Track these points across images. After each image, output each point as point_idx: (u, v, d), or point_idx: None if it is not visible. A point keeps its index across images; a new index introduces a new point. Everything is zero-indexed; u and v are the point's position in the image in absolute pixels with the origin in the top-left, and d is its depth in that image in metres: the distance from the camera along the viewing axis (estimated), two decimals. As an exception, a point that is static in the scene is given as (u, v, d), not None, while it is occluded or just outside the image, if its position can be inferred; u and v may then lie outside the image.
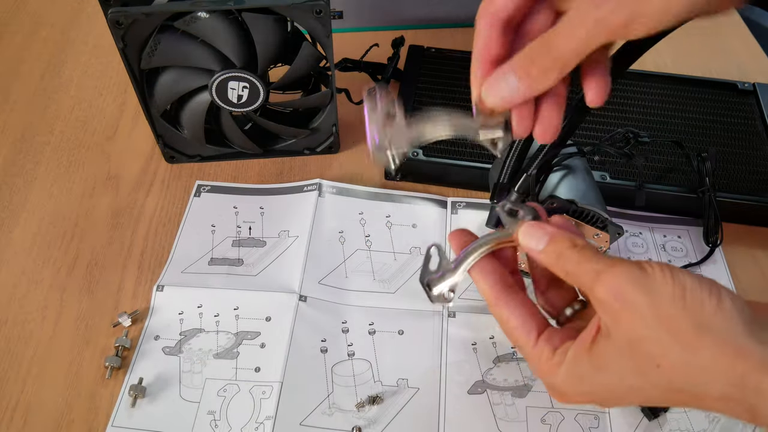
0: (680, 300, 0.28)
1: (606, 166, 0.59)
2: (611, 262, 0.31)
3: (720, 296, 0.29)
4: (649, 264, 0.30)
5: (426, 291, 0.36)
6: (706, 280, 0.29)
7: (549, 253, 0.33)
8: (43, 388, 0.47)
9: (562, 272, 0.33)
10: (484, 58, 0.34)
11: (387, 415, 0.47)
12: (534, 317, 0.34)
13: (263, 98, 0.56)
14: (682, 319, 0.28)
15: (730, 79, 0.70)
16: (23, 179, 0.62)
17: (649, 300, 0.29)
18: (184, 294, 0.53)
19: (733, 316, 0.28)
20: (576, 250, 0.32)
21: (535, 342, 0.33)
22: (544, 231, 0.34)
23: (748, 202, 0.58)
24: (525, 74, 0.31)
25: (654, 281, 0.29)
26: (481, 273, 0.36)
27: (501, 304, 0.35)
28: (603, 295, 0.30)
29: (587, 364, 0.31)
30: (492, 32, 0.33)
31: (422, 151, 0.60)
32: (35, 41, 0.77)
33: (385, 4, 0.77)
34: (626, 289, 0.29)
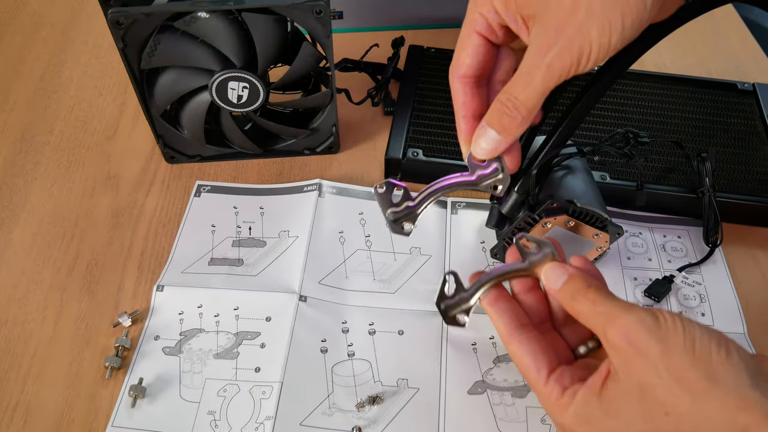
0: (690, 350, 0.29)
1: (606, 166, 0.59)
2: (626, 306, 0.32)
3: (728, 348, 0.29)
4: (661, 312, 0.31)
5: (442, 314, 0.38)
6: (714, 331, 0.30)
7: (565, 292, 0.35)
8: (43, 388, 0.47)
9: (575, 312, 0.34)
10: (465, 115, 0.38)
11: (387, 415, 0.47)
12: (545, 355, 0.35)
13: (263, 98, 0.56)
14: (691, 369, 0.29)
15: (730, 79, 0.70)
16: (23, 179, 0.62)
17: (661, 348, 0.29)
18: (184, 294, 0.53)
19: (740, 368, 0.29)
20: (591, 291, 0.33)
21: (546, 380, 0.34)
22: (564, 270, 0.36)
23: (748, 202, 0.58)
24: (501, 127, 0.35)
25: (666, 330, 0.30)
26: (497, 310, 0.38)
27: (514, 342, 0.36)
28: (616, 339, 0.31)
29: (596, 408, 0.32)
30: (466, 90, 0.38)
31: (422, 151, 0.60)
32: (35, 41, 0.77)
33: (385, 4, 0.77)
34: (639, 336, 0.30)
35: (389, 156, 0.60)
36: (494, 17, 0.35)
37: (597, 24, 0.30)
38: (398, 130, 0.62)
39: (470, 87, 0.37)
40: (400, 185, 0.39)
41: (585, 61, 0.31)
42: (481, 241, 0.57)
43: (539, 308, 0.39)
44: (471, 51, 0.36)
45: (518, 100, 0.34)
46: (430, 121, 0.64)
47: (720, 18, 0.85)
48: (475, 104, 0.38)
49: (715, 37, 0.82)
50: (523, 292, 0.39)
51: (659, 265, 0.56)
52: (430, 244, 0.57)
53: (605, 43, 0.31)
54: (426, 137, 0.62)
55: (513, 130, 0.35)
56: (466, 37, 0.37)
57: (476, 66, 0.37)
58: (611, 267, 0.56)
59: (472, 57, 0.36)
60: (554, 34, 0.31)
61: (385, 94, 0.69)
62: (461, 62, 0.37)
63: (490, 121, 0.36)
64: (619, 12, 0.30)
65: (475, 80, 0.37)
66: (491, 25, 0.35)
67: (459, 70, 0.37)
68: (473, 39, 0.36)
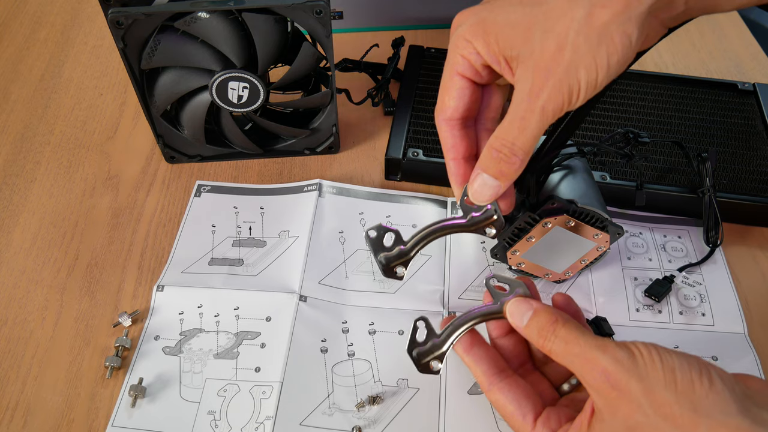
0: (672, 384, 0.29)
1: (606, 166, 0.59)
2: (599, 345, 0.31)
3: (710, 376, 0.29)
4: (635, 346, 0.31)
5: (414, 362, 0.37)
6: (692, 358, 0.30)
7: (531, 329, 0.34)
8: (43, 388, 0.47)
9: (547, 351, 0.33)
10: (455, 158, 0.38)
11: (387, 415, 0.47)
12: (529, 399, 0.35)
13: (263, 98, 0.56)
14: (676, 404, 0.28)
15: (730, 79, 0.70)
16: (23, 179, 0.62)
17: (642, 386, 0.29)
18: (184, 294, 0.53)
19: (725, 396, 0.29)
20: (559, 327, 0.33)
21: (533, 425, 0.34)
22: (529, 306, 0.35)
23: (748, 202, 0.58)
24: (498, 173, 0.35)
25: (645, 366, 0.30)
26: (474, 358, 0.37)
27: (495, 390, 0.36)
28: (596, 382, 0.30)
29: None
30: (454, 134, 0.37)
31: (422, 151, 0.60)
32: (35, 41, 0.77)
33: (385, 4, 0.77)
34: (619, 377, 0.30)
35: (389, 156, 0.60)
36: (476, 58, 0.34)
37: (584, 64, 0.30)
38: (398, 130, 0.62)
39: (458, 129, 0.37)
40: (391, 229, 0.38)
41: (575, 99, 0.31)
42: (481, 242, 0.57)
43: (518, 351, 0.39)
44: (455, 93, 0.36)
45: (515, 146, 0.33)
46: (430, 121, 0.64)
47: (720, 18, 0.85)
48: (464, 146, 0.37)
49: (715, 37, 0.82)
50: (501, 337, 0.39)
51: (659, 265, 0.56)
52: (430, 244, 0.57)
53: (592, 82, 0.31)
54: (426, 137, 0.62)
55: (511, 174, 0.35)
56: (449, 80, 0.36)
57: (462, 108, 0.36)
58: (611, 267, 0.56)
59: (457, 99, 0.36)
60: (543, 75, 0.31)
61: (385, 94, 0.69)
62: (446, 105, 0.36)
63: (486, 167, 0.35)
64: (605, 51, 0.30)
65: (462, 122, 0.37)
66: (474, 66, 0.35)
67: (445, 113, 0.37)
68: (456, 81, 0.36)
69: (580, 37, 0.29)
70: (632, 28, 0.29)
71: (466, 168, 0.37)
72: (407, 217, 0.59)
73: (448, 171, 0.38)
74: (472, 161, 0.37)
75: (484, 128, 0.38)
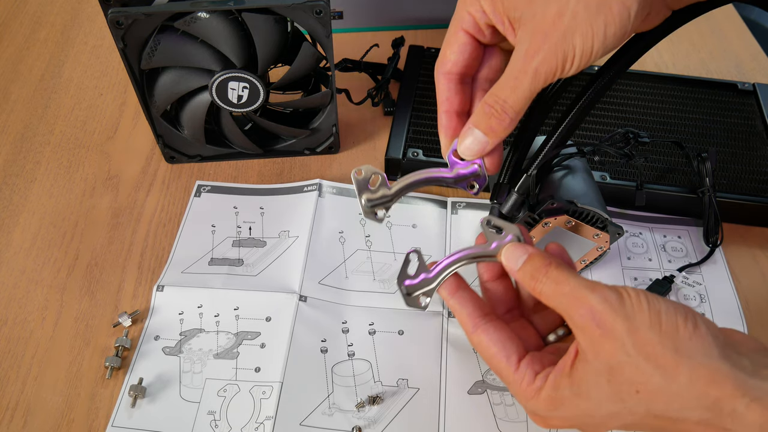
0: (657, 326, 0.29)
1: (606, 167, 0.59)
2: (589, 285, 0.31)
3: (695, 321, 0.29)
4: (625, 289, 0.31)
5: (403, 295, 0.37)
6: (680, 305, 0.30)
7: (525, 272, 0.34)
8: (43, 388, 0.47)
9: (537, 293, 0.33)
10: (448, 110, 0.38)
11: (387, 415, 0.47)
12: (513, 341, 0.35)
13: (263, 98, 0.56)
14: (659, 345, 0.29)
15: (730, 80, 0.70)
16: (23, 179, 0.62)
17: (627, 326, 0.29)
18: (184, 294, 0.53)
19: (708, 340, 0.29)
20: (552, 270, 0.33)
21: (516, 367, 0.34)
22: (524, 250, 0.35)
23: (748, 202, 0.58)
24: (488, 129, 0.36)
25: (632, 307, 0.30)
26: (459, 300, 0.37)
27: (479, 332, 0.36)
28: (582, 320, 0.30)
29: (567, 389, 0.31)
30: (450, 87, 0.38)
31: (422, 151, 0.60)
32: (35, 41, 0.77)
33: (385, 4, 0.77)
34: (605, 315, 0.30)
35: (389, 156, 0.60)
36: (482, 17, 0.35)
37: (580, 31, 0.31)
38: (398, 130, 0.62)
39: (454, 83, 0.37)
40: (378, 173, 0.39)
41: (569, 65, 0.32)
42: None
43: (507, 296, 0.39)
44: (457, 48, 0.36)
45: (506, 103, 0.34)
46: (430, 121, 0.64)
47: (720, 18, 0.85)
48: (458, 101, 0.38)
49: (715, 37, 0.82)
50: (490, 280, 0.39)
51: (659, 265, 0.56)
52: (430, 244, 0.57)
53: (588, 50, 0.31)
54: (426, 137, 0.62)
55: (500, 132, 0.35)
56: (453, 34, 0.37)
57: (462, 63, 0.37)
58: (611, 267, 0.56)
59: (458, 54, 0.37)
60: (540, 38, 0.32)
61: (385, 94, 0.69)
62: (447, 59, 0.37)
63: (477, 122, 0.36)
64: (602, 21, 0.30)
65: (460, 77, 0.37)
66: (478, 24, 0.35)
67: (444, 66, 0.37)
68: (460, 37, 0.36)
69: (580, 5, 0.30)
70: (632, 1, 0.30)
71: (456, 122, 0.38)
72: (407, 217, 0.59)
73: (438, 123, 0.39)
74: (463, 117, 0.38)
75: (481, 88, 0.38)
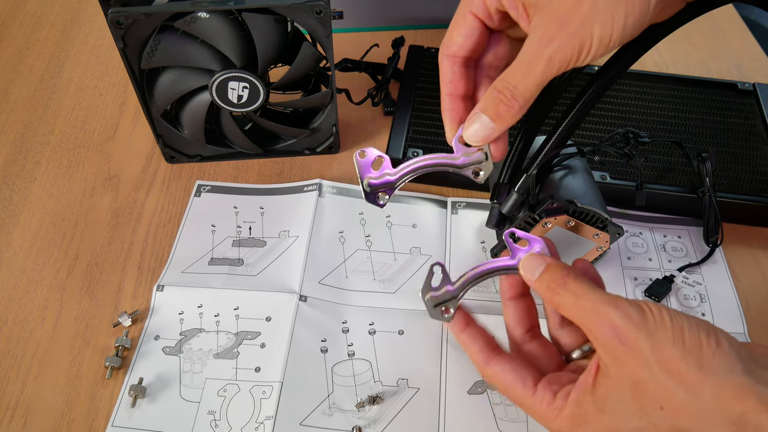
0: (680, 342, 0.29)
1: (606, 166, 0.59)
2: (611, 301, 0.31)
3: (717, 337, 0.29)
4: (647, 304, 0.31)
5: (427, 306, 0.37)
6: (702, 321, 0.30)
7: (542, 282, 0.34)
8: (43, 388, 0.47)
9: (556, 305, 0.33)
10: (451, 93, 0.38)
11: (387, 415, 0.47)
12: (526, 368, 0.35)
13: (263, 98, 0.56)
14: (683, 361, 0.29)
15: (730, 79, 0.70)
16: (23, 179, 0.62)
17: (650, 342, 0.29)
18: (184, 294, 0.53)
19: (731, 356, 0.29)
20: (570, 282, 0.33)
21: (533, 390, 0.34)
22: (542, 261, 0.35)
23: (748, 202, 0.58)
24: (496, 115, 0.35)
25: (654, 323, 0.30)
26: (469, 335, 0.37)
27: (492, 363, 0.36)
28: (605, 337, 0.30)
29: (591, 406, 0.31)
30: (454, 70, 0.37)
31: (422, 151, 0.60)
32: (35, 41, 0.77)
33: (385, 4, 0.77)
34: (628, 332, 0.30)
35: (389, 156, 0.60)
36: (493, 2, 0.34)
37: (600, 20, 0.30)
38: (398, 130, 0.62)
39: (459, 66, 0.37)
40: (382, 155, 0.39)
41: (585, 55, 0.31)
42: (481, 241, 0.57)
43: (528, 314, 0.38)
44: (464, 32, 0.36)
45: (516, 90, 0.33)
46: (430, 120, 0.64)
47: (720, 18, 0.85)
48: (462, 84, 0.37)
49: (715, 37, 0.82)
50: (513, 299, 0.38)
51: (659, 265, 0.56)
52: (430, 244, 0.57)
53: (605, 40, 0.31)
54: (426, 137, 0.62)
55: (508, 118, 0.35)
56: (461, 17, 0.36)
57: (468, 47, 0.36)
58: (611, 267, 0.56)
59: (465, 38, 0.36)
60: (557, 26, 0.31)
61: (385, 94, 0.69)
62: (453, 41, 0.36)
63: (485, 107, 0.35)
64: (623, 10, 0.30)
65: (465, 61, 0.37)
66: (488, 9, 0.35)
67: (450, 48, 0.37)
68: (468, 20, 0.36)
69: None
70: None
71: (460, 105, 0.38)
72: (407, 217, 0.59)
73: (442, 106, 0.38)
74: (467, 101, 0.38)
75: (485, 74, 0.38)
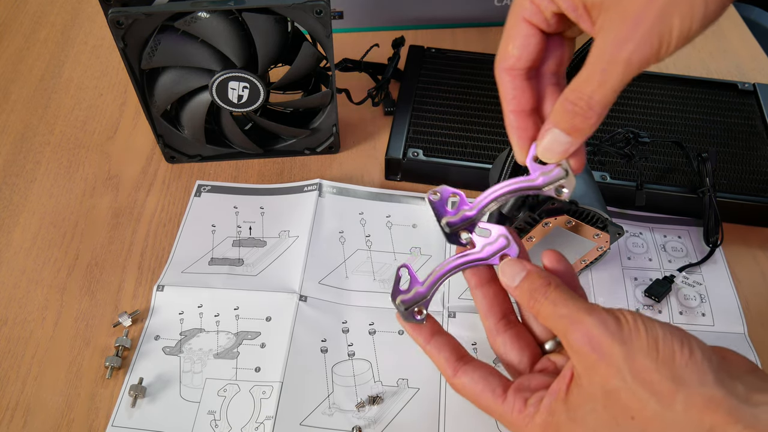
0: (654, 352, 0.29)
1: (606, 167, 0.59)
2: (587, 308, 0.31)
3: (691, 347, 0.29)
4: (622, 313, 0.30)
5: (398, 310, 0.36)
6: (676, 329, 0.30)
7: (522, 290, 0.33)
8: (43, 388, 0.47)
9: (534, 312, 0.33)
10: (515, 110, 0.35)
11: (387, 415, 0.47)
12: (495, 375, 0.34)
13: (263, 98, 0.56)
14: (656, 372, 0.28)
15: (730, 80, 0.70)
16: (23, 179, 0.62)
17: (624, 351, 0.29)
18: (184, 294, 0.53)
19: (703, 367, 0.28)
20: (551, 291, 0.32)
21: (503, 397, 0.33)
22: (522, 267, 0.34)
23: (748, 202, 0.58)
24: (572, 129, 0.32)
25: (629, 332, 0.29)
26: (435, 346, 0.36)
27: (460, 374, 0.35)
28: (578, 344, 0.30)
29: (563, 414, 0.31)
30: (516, 85, 0.34)
31: (422, 151, 0.60)
32: (35, 41, 0.77)
33: (386, 4, 0.77)
34: (602, 339, 0.29)
35: (389, 156, 0.60)
36: (548, 5, 0.31)
37: (678, 10, 0.28)
38: (398, 130, 0.62)
39: (519, 79, 0.34)
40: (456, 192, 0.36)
41: (665, 50, 0.29)
42: (481, 241, 0.57)
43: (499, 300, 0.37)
44: (520, 42, 0.33)
45: (593, 99, 0.30)
46: (430, 121, 0.64)
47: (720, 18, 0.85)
48: (526, 98, 0.34)
49: (715, 37, 0.82)
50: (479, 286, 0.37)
51: (659, 265, 0.56)
52: (430, 244, 0.57)
53: (685, 31, 0.28)
54: (426, 137, 0.62)
55: (586, 130, 0.32)
56: (513, 26, 0.33)
57: (526, 58, 0.33)
58: (611, 267, 0.56)
59: (521, 48, 0.33)
60: (632, 23, 0.28)
61: (385, 94, 0.69)
62: (509, 54, 0.33)
63: (558, 121, 0.32)
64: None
65: (525, 73, 0.34)
66: (543, 13, 0.32)
67: (506, 62, 0.34)
68: (522, 28, 0.33)
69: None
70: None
71: (527, 121, 0.35)
72: (407, 217, 0.59)
73: (507, 125, 0.35)
74: (533, 115, 0.35)
75: (550, 82, 0.35)
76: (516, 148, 0.35)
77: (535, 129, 0.35)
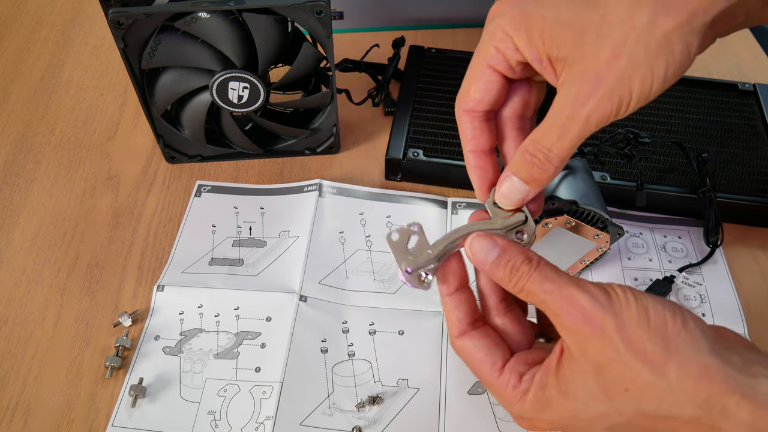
0: (644, 321, 0.28)
1: (606, 167, 0.59)
2: (574, 282, 0.30)
3: (684, 317, 0.29)
4: (611, 286, 0.30)
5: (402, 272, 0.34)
6: (668, 302, 0.29)
7: (502, 267, 0.32)
8: (43, 388, 0.47)
9: (516, 289, 0.32)
10: (473, 150, 0.35)
11: (387, 415, 0.47)
12: (499, 347, 0.34)
13: (263, 98, 0.56)
14: (648, 341, 0.28)
15: (730, 80, 0.70)
16: (23, 179, 0.62)
17: (615, 323, 0.29)
18: (184, 294, 0.53)
19: (697, 335, 0.28)
20: (533, 266, 0.32)
21: (500, 372, 0.33)
22: (493, 242, 0.33)
23: (749, 202, 0.58)
24: (530, 178, 0.33)
25: (619, 304, 0.29)
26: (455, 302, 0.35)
27: (465, 336, 0.34)
28: (569, 319, 0.30)
29: (554, 389, 0.31)
30: (474, 126, 0.35)
31: (422, 151, 0.60)
32: (35, 41, 0.77)
33: (386, 5, 0.77)
34: (594, 313, 0.29)
35: (389, 156, 0.60)
36: (513, 54, 0.32)
37: (639, 74, 0.28)
38: (398, 131, 0.62)
39: (479, 121, 0.35)
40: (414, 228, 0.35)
41: (624, 110, 0.29)
42: (481, 241, 0.57)
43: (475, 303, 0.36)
44: (482, 86, 0.33)
45: (551, 152, 0.31)
46: (430, 121, 0.64)
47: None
48: (484, 138, 0.35)
49: (715, 38, 0.82)
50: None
51: (660, 266, 0.56)
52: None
53: (645, 93, 0.29)
54: (426, 137, 0.62)
55: (543, 181, 0.33)
56: (477, 70, 0.33)
57: (487, 101, 0.34)
58: (612, 267, 0.56)
59: (483, 92, 0.34)
60: (593, 82, 0.29)
61: (385, 95, 0.69)
62: (470, 96, 0.34)
63: (517, 170, 0.33)
64: (663, 62, 0.28)
65: (484, 115, 0.35)
66: (508, 61, 0.32)
67: (467, 104, 0.34)
68: (486, 73, 0.33)
69: (639, 46, 0.28)
70: (693, 39, 0.28)
71: (485, 161, 0.35)
72: (407, 217, 0.59)
73: (466, 163, 0.36)
74: (491, 154, 0.36)
75: (510, 125, 0.35)
76: (475, 187, 0.36)
77: (493, 169, 0.35)
